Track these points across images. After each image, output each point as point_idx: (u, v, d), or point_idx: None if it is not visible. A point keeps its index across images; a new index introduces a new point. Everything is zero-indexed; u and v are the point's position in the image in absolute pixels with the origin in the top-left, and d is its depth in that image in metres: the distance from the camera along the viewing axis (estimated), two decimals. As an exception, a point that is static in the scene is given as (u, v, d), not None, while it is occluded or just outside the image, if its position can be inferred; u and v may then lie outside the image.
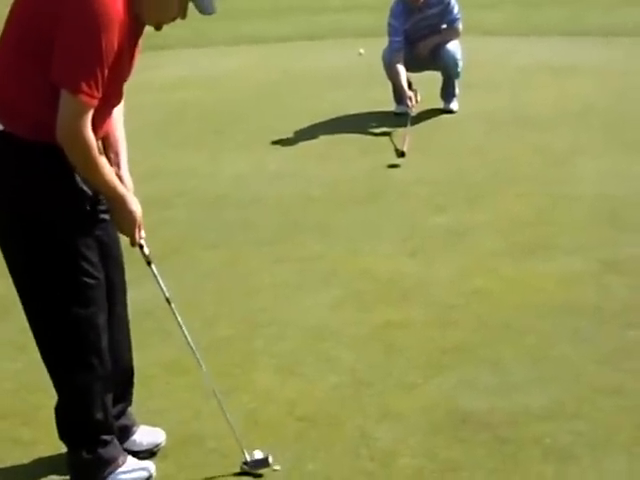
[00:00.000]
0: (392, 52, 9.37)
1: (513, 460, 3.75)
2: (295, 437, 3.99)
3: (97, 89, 3.28)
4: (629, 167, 7.49)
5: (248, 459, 3.75)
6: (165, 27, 3.51)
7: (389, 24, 9.42)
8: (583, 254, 5.80)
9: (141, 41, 3.53)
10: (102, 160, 3.41)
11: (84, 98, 3.26)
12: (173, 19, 3.48)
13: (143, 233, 3.66)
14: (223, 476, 3.73)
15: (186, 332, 3.83)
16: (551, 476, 3.63)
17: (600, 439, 3.85)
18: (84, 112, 3.28)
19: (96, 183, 3.45)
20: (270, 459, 3.74)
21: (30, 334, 3.63)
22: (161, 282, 3.77)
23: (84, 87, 3.24)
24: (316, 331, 4.98)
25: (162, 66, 12.50)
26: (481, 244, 6.07)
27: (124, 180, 3.59)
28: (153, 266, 3.74)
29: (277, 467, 3.75)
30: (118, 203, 3.52)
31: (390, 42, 9.43)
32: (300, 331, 4.99)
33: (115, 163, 3.58)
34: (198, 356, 3.82)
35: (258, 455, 3.76)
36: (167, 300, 3.80)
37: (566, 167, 7.64)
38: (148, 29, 3.51)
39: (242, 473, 3.74)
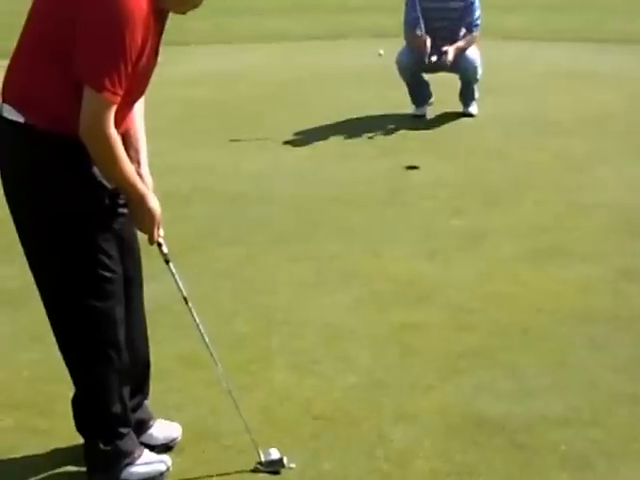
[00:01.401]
0: (409, 21, 9.40)
1: (528, 466, 3.74)
2: (311, 436, 3.99)
3: (120, 86, 3.28)
4: (647, 174, 7.49)
5: (263, 459, 3.75)
6: (186, 22, 3.51)
7: None
8: (600, 261, 5.79)
9: (163, 36, 3.54)
10: (123, 156, 3.41)
11: (107, 95, 3.26)
12: (197, 5, 3.48)
13: (162, 231, 3.65)
14: (239, 472, 3.73)
15: (203, 330, 3.83)
16: (567, 483, 3.64)
17: (616, 447, 3.85)
18: (107, 109, 3.29)
19: (116, 179, 3.45)
20: (285, 460, 3.74)
21: (47, 325, 3.64)
22: (179, 280, 3.76)
23: (107, 84, 3.25)
24: (333, 330, 4.99)
25: (182, 62, 12.52)
26: (499, 248, 6.07)
27: (144, 178, 3.59)
28: (171, 264, 3.73)
29: (292, 465, 3.75)
30: (138, 200, 3.51)
31: (407, 12, 9.47)
32: (317, 330, 5.00)
33: (135, 160, 3.58)
34: (214, 355, 3.82)
35: (274, 453, 3.77)
36: (184, 299, 3.80)
37: (584, 174, 7.64)
38: (169, 24, 3.52)
39: (257, 470, 3.75)
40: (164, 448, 3.87)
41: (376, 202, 7.10)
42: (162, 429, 3.94)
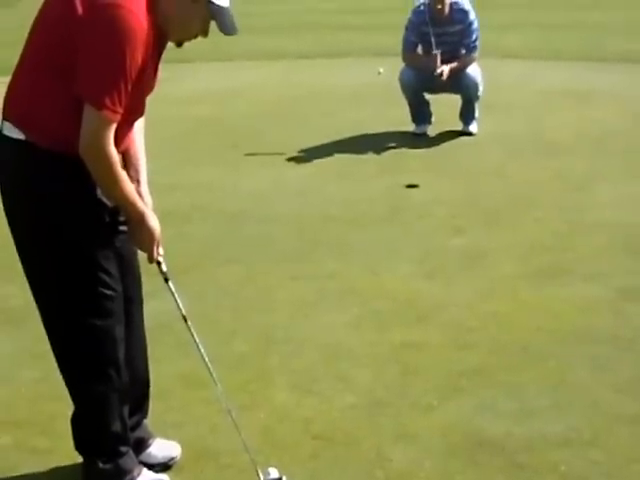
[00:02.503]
0: (407, 46, 9.54)
1: (529, 486, 3.74)
2: (310, 455, 3.98)
3: (120, 104, 3.29)
4: (648, 194, 7.49)
5: (262, 479, 3.74)
6: (186, 44, 3.53)
7: (408, 19, 9.56)
8: (600, 281, 5.79)
9: (163, 56, 3.55)
10: (123, 175, 3.42)
11: (107, 114, 3.27)
12: (195, 37, 3.50)
13: (161, 250, 3.64)
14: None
15: (202, 350, 3.81)
16: (567, 503, 3.63)
17: (616, 468, 3.83)
18: (107, 127, 3.29)
19: (116, 198, 3.45)
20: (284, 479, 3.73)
21: (47, 343, 3.63)
22: (178, 299, 3.75)
23: (108, 103, 3.26)
24: (332, 349, 4.98)
25: (181, 79, 12.56)
26: (499, 267, 6.07)
27: (143, 197, 3.59)
28: (170, 283, 3.72)
29: (292, 485, 3.75)
30: (137, 219, 3.51)
31: (405, 37, 9.57)
32: (316, 349, 4.99)
33: (135, 179, 3.58)
34: (214, 374, 3.80)
35: (273, 473, 3.75)
36: (184, 318, 3.78)
37: (584, 193, 7.64)
38: (169, 43, 3.53)
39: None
40: (163, 467, 3.87)
41: (376, 220, 7.10)
42: (161, 448, 3.93)
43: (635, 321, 5.23)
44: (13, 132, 3.41)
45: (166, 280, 3.71)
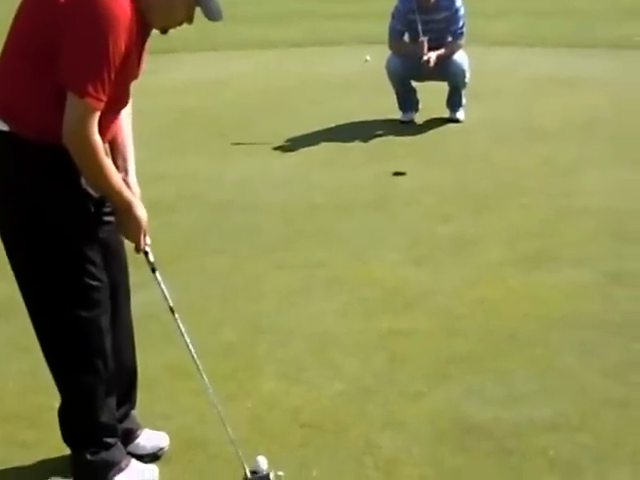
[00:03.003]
0: (394, 34, 9.52)
1: (517, 471, 3.73)
2: (299, 444, 3.98)
3: (103, 92, 3.26)
4: (635, 179, 7.50)
5: (249, 475, 3.66)
6: (171, 31, 3.51)
7: (395, 7, 9.55)
8: (588, 266, 5.79)
9: (148, 43, 3.52)
10: (108, 164, 3.39)
11: (90, 101, 3.24)
12: (180, 23, 3.47)
13: (148, 240, 3.61)
14: (227, 482, 3.72)
15: (189, 341, 3.78)
16: (556, 488, 3.63)
17: (605, 451, 3.84)
18: (91, 115, 3.26)
19: (102, 187, 3.42)
20: (272, 476, 3.67)
21: (34, 336, 3.61)
22: (165, 290, 3.71)
23: (91, 90, 3.22)
24: (320, 338, 4.97)
25: (168, 70, 12.51)
26: (487, 254, 6.06)
27: (131, 186, 3.56)
28: (157, 273, 3.68)
29: (281, 473, 3.73)
30: (124, 208, 3.49)
31: (392, 25, 9.57)
32: (304, 338, 4.98)
33: (123, 169, 3.56)
34: (200, 367, 3.78)
35: (262, 462, 3.74)
36: (171, 309, 3.74)
37: (572, 179, 7.64)
38: (155, 32, 3.51)
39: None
40: (152, 457, 3.86)
41: (363, 208, 7.09)
42: (149, 438, 3.92)
43: (623, 306, 5.23)
44: None
45: (153, 270, 3.68)
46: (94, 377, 3.58)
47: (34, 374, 4.44)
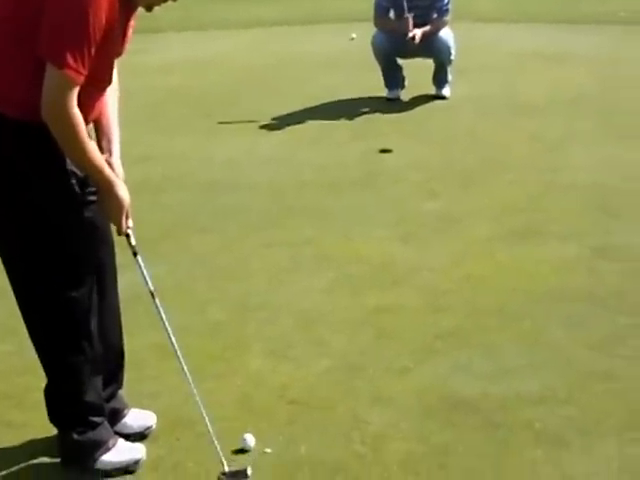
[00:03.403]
0: (379, 10, 9.52)
1: (504, 444, 3.74)
2: (287, 421, 3.98)
3: (83, 65, 3.21)
4: (621, 154, 7.51)
5: (227, 469, 3.60)
6: (156, 9, 3.48)
7: None
8: (575, 240, 5.80)
9: (134, 20, 3.49)
10: (87, 138, 3.33)
11: (70, 73, 3.19)
12: (164, 0, 3.44)
13: (130, 222, 3.56)
14: (215, 460, 3.71)
15: (169, 328, 3.74)
16: (542, 460, 3.63)
17: (591, 424, 3.85)
18: (69, 87, 3.22)
19: (82, 163, 3.37)
20: (249, 471, 3.59)
21: (18, 318, 3.60)
22: (146, 275, 3.66)
23: (70, 61, 3.18)
24: (308, 315, 4.97)
25: (153, 50, 12.47)
26: (474, 230, 6.07)
27: (115, 168, 3.50)
28: (139, 257, 3.63)
29: (269, 450, 3.75)
30: (105, 187, 3.43)
31: (377, 3, 9.55)
32: (292, 315, 4.98)
33: (107, 150, 3.52)
34: (179, 354, 3.73)
35: (249, 440, 3.75)
36: (151, 294, 3.68)
37: (558, 154, 7.65)
38: (141, 11, 3.48)
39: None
40: (139, 437, 3.85)
41: (350, 186, 7.08)
42: (136, 418, 3.92)
43: (609, 279, 5.25)
44: None
45: (134, 254, 3.62)
46: (80, 357, 3.57)
47: (20, 355, 4.43)
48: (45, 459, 3.75)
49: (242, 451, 3.76)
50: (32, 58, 3.24)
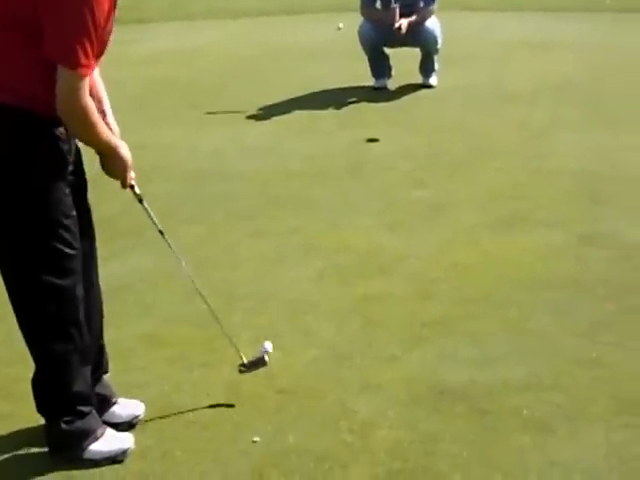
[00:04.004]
0: (366, 0, 9.53)
1: (492, 431, 3.75)
2: (275, 409, 3.99)
3: (93, 56, 3.27)
4: (607, 142, 7.53)
5: (245, 361, 3.99)
6: (143, 0, 3.48)
7: None
8: (561, 228, 5.82)
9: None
10: (99, 120, 3.42)
11: (82, 70, 3.25)
12: None
13: (133, 174, 3.70)
14: (203, 448, 3.72)
15: (181, 259, 4.06)
16: (529, 447, 3.64)
17: (577, 410, 3.87)
18: (83, 82, 3.28)
19: (93, 142, 3.47)
20: (266, 357, 3.99)
21: (7, 306, 3.60)
22: (153, 216, 3.88)
23: (82, 60, 3.23)
24: (295, 304, 4.98)
25: (140, 40, 12.43)
26: (460, 218, 6.08)
27: (111, 127, 3.60)
28: (145, 203, 3.82)
29: (257, 439, 3.76)
30: (110, 152, 3.54)
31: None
32: (279, 304, 4.99)
33: (100, 111, 3.53)
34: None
35: (267, 346, 4.02)
36: (160, 232, 3.94)
37: (545, 142, 7.67)
38: (128, 1, 3.48)
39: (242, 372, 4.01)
40: (127, 426, 3.85)
41: (337, 175, 7.08)
42: (125, 407, 3.92)
43: (595, 266, 5.27)
44: None
45: (140, 201, 3.82)
46: (68, 345, 3.57)
47: (7, 344, 4.43)
48: (33, 449, 3.75)
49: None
50: (35, 51, 3.25)
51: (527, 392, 4.01)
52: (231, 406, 4.00)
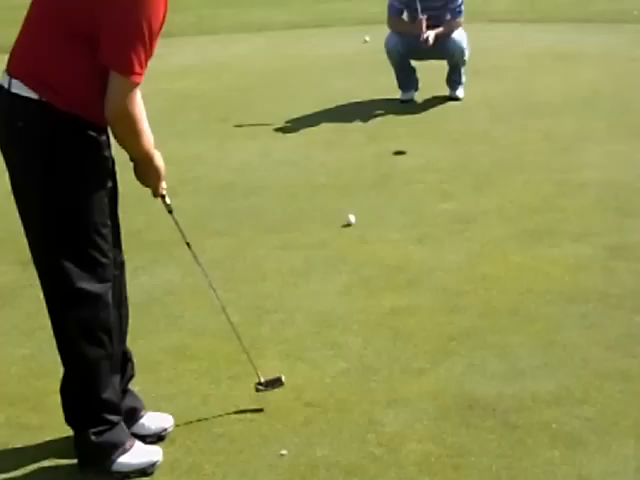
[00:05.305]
0: (392, 12, 9.53)
1: (521, 445, 3.74)
2: (303, 423, 3.99)
3: (146, 63, 3.32)
4: (635, 153, 7.49)
5: (262, 380, 4.05)
6: (170, 14, 3.50)
7: None
8: (589, 240, 5.79)
9: None
10: (145, 128, 3.46)
11: (135, 78, 3.29)
12: None
13: (164, 184, 3.74)
14: (231, 462, 3.73)
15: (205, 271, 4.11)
16: (559, 461, 3.62)
17: (607, 424, 3.84)
18: (134, 90, 3.32)
19: (136, 150, 3.51)
20: (283, 378, 4.07)
21: (37, 321, 3.65)
22: (182, 229, 3.97)
23: (136, 68, 3.28)
24: (323, 317, 4.98)
25: (167, 54, 12.42)
26: (488, 231, 6.06)
27: (148, 135, 3.60)
28: (174, 214, 3.90)
29: (284, 452, 3.76)
30: (147, 160, 3.58)
31: (390, 5, 9.56)
32: (307, 317, 4.99)
33: None
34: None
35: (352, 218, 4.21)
36: (187, 244, 4.07)
37: (572, 153, 7.64)
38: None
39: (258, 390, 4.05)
40: (155, 438, 3.86)
41: (364, 188, 7.09)
42: (154, 419, 3.93)
43: (624, 279, 5.24)
44: (23, 90, 3.37)
45: (170, 212, 3.90)
46: (99, 351, 3.58)
47: (37, 358, 4.46)
48: (62, 461, 3.77)
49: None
50: (89, 57, 3.29)
51: (556, 406, 3.99)
52: (259, 418, 4.00)
